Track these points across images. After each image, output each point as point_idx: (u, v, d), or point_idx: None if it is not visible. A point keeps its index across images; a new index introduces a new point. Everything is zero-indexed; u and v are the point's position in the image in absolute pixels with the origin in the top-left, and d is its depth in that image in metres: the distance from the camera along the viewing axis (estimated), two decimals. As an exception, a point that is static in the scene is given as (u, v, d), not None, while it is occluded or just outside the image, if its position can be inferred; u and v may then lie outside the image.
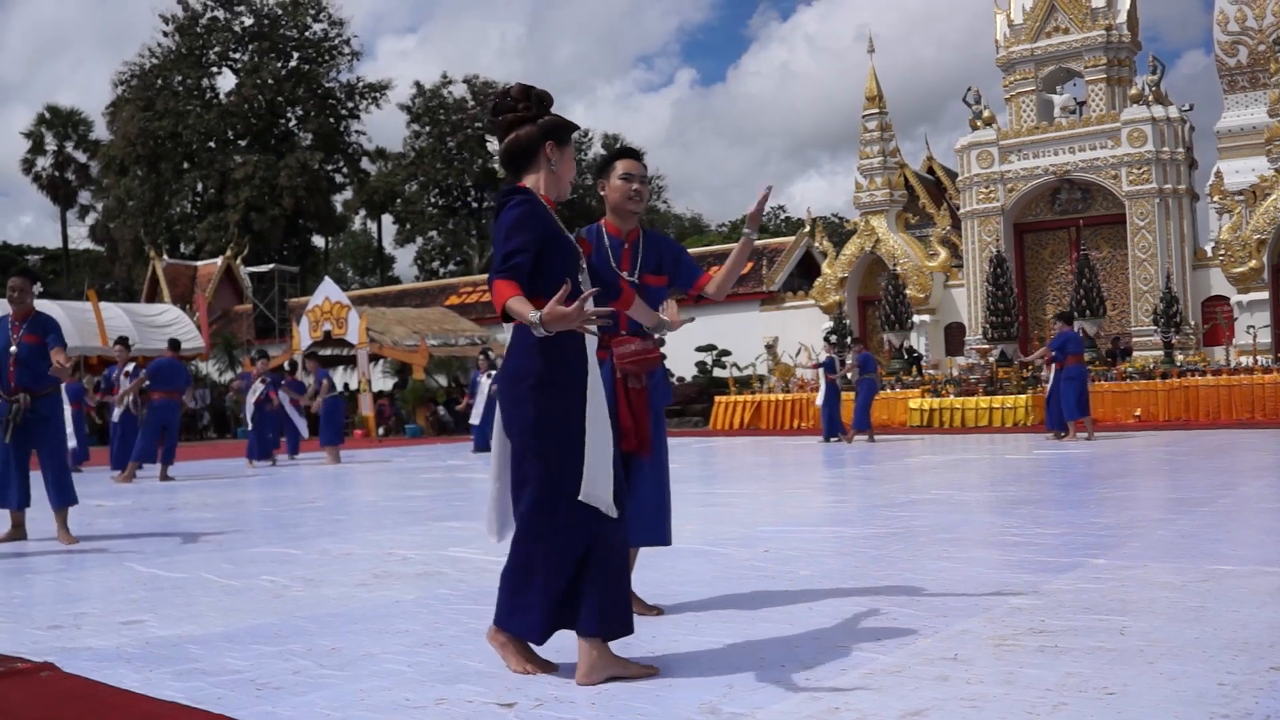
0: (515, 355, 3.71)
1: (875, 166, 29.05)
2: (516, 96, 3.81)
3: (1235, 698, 3.15)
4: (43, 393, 8.13)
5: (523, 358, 3.66)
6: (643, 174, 4.62)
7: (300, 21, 60.53)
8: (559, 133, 3.83)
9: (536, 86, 3.85)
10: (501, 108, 3.84)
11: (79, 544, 7.91)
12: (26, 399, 8.01)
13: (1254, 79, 29.01)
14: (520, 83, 3.85)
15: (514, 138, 3.81)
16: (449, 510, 9.83)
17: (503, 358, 3.83)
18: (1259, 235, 23.79)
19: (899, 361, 26.33)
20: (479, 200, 65.27)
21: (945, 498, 9.27)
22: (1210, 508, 7.76)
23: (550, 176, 3.82)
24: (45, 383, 8.12)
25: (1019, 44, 27.20)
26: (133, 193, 58.34)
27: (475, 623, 4.56)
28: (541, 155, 3.80)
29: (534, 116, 3.81)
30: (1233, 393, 21.28)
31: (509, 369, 3.72)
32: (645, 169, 4.66)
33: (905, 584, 5.14)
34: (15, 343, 8.04)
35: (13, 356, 8.00)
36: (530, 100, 3.81)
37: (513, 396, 3.68)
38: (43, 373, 8.01)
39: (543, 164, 3.81)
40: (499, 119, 3.84)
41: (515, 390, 3.66)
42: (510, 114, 3.81)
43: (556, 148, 3.82)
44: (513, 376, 3.69)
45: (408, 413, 32.40)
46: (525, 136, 3.79)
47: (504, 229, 3.61)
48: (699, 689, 3.46)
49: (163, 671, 3.93)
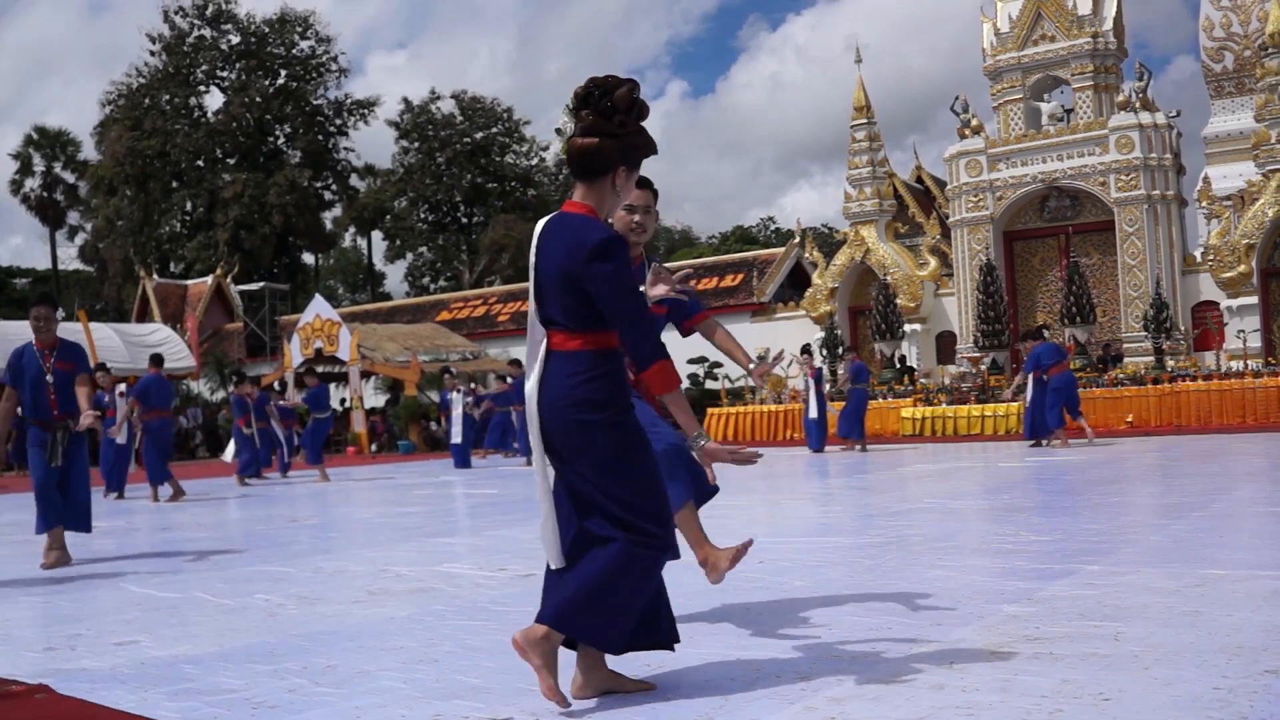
0: (570, 380, 3.54)
1: (864, 176, 29.12)
2: (622, 105, 3.54)
3: (1230, 701, 3.16)
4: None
5: (583, 387, 3.52)
6: (648, 205, 4.44)
7: (287, 39, 60.58)
8: (635, 158, 3.65)
9: (640, 97, 3.60)
10: (598, 107, 3.56)
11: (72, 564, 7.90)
12: (72, 424, 8.07)
13: (1240, 84, 29.13)
14: (631, 84, 3.58)
15: (595, 146, 3.56)
16: (443, 526, 9.82)
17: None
18: (1247, 240, 23.86)
19: (891, 371, 26.36)
20: (468, 215, 65.33)
21: (939, 506, 9.28)
22: (1203, 512, 7.78)
23: (612, 200, 3.67)
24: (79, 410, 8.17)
25: (1006, 52, 27.29)
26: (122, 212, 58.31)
27: (470, 638, 4.56)
28: (610, 177, 3.61)
29: (619, 134, 3.56)
30: (1224, 397, 21.32)
31: (569, 396, 3.52)
32: (654, 198, 4.47)
33: (900, 593, 5.14)
34: (50, 371, 8.06)
35: (50, 385, 8.03)
36: (631, 112, 3.57)
37: (577, 425, 3.51)
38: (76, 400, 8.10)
39: (608, 186, 3.62)
40: (584, 113, 3.58)
41: (582, 419, 3.50)
42: (602, 120, 3.55)
43: (628, 173, 3.65)
44: (577, 404, 3.51)
45: (400, 429, 32.37)
46: (605, 150, 3.56)
47: (624, 283, 3.46)
48: (695, 702, 3.46)
49: (158, 692, 3.92)
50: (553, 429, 3.57)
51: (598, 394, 3.52)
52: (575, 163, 3.62)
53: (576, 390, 3.52)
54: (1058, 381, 17.07)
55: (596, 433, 3.50)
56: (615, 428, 3.51)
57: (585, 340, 3.56)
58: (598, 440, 3.50)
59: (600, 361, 3.55)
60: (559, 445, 3.58)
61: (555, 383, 3.56)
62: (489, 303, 42.95)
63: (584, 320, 3.54)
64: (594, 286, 3.47)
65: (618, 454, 3.51)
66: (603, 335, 3.56)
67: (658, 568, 3.58)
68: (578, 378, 3.53)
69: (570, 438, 3.54)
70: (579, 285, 3.50)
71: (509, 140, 65.34)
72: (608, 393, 3.53)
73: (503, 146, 65.03)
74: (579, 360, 3.55)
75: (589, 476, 3.53)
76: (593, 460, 3.51)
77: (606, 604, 3.48)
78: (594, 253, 3.45)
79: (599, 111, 3.56)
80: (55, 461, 8.01)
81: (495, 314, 41.60)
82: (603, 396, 3.52)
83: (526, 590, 5.71)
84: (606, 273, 3.45)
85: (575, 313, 3.54)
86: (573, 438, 3.53)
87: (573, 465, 3.56)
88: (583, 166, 3.61)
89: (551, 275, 3.58)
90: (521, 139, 66.02)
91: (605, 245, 3.46)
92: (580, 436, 3.51)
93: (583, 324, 3.55)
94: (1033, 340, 17.74)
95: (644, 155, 3.68)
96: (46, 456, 8.01)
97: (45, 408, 8.01)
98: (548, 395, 3.57)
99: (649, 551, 3.51)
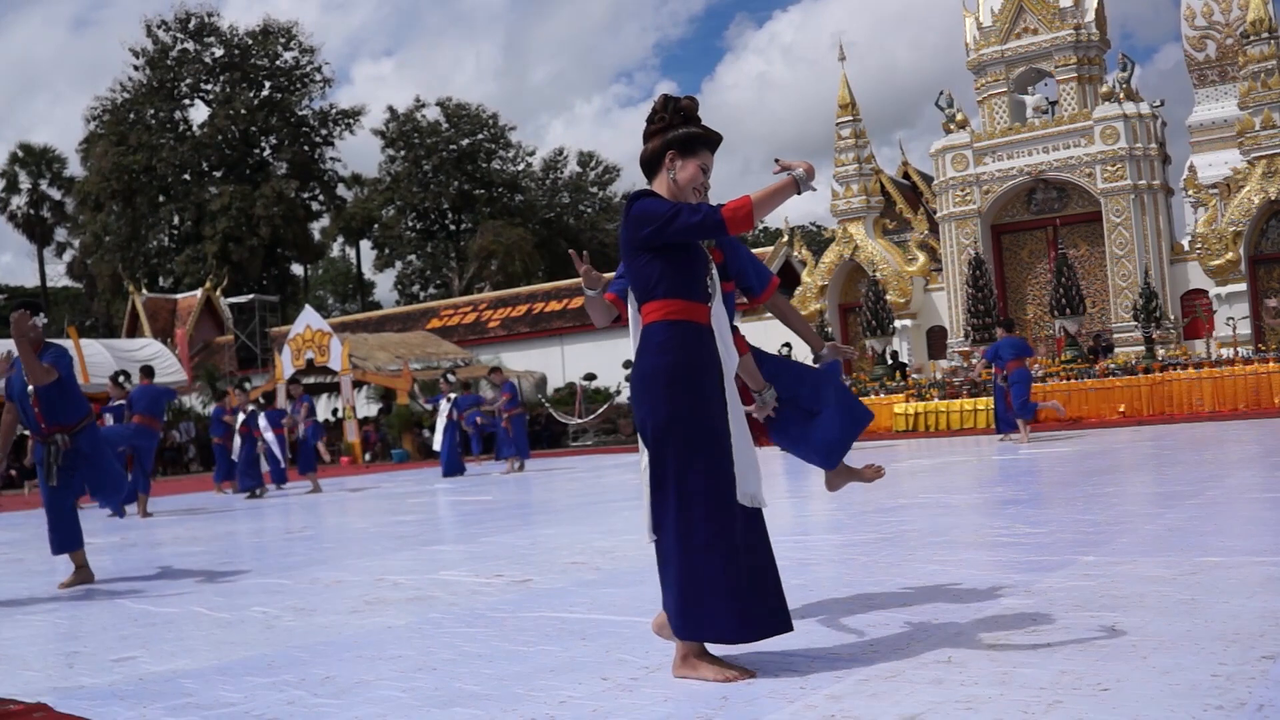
0: (646, 354, 3.77)
1: (851, 174, 29.16)
2: (658, 108, 3.94)
3: (1228, 689, 3.16)
4: (77, 426, 7.73)
5: (654, 355, 3.74)
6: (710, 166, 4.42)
7: (271, 50, 60.58)
8: (682, 143, 3.89)
9: (682, 97, 3.94)
10: (650, 119, 3.97)
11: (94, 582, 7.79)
12: (65, 439, 7.67)
13: (1223, 72, 29.22)
14: (665, 94, 3.95)
15: (644, 149, 3.95)
16: (438, 534, 9.81)
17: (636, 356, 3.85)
18: (1234, 227, 23.94)
19: (882, 367, 26.39)
20: (456, 223, 65.33)
21: (934, 501, 9.29)
22: (1196, 500, 7.79)
23: (671, 185, 3.88)
24: (77, 415, 7.75)
25: (989, 46, 27.36)
26: (109, 228, 58.26)
27: (468, 645, 4.55)
28: (663, 165, 3.89)
29: (669, 126, 3.90)
30: (1215, 385, 21.39)
31: (641, 369, 3.77)
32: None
33: (897, 588, 5.14)
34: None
35: (34, 397, 7.62)
36: (668, 110, 3.92)
37: (646, 397, 3.73)
38: (70, 407, 7.68)
39: (663, 173, 3.89)
40: (646, 130, 3.97)
41: (649, 390, 3.72)
42: (653, 125, 3.94)
43: (678, 156, 3.88)
44: (646, 376, 3.74)
45: (393, 438, 32.33)
46: (651, 149, 3.92)
47: (640, 214, 3.74)
48: (694, 701, 3.46)
49: (157, 707, 3.91)
50: (635, 404, 3.86)
51: (659, 365, 3.79)
52: (643, 169, 3.99)
53: (640, 362, 3.84)
54: (1015, 377, 17.09)
55: (662, 405, 3.75)
56: (671, 397, 3.75)
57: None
58: (661, 410, 3.75)
59: (657, 331, 3.79)
60: (638, 420, 3.86)
61: (637, 357, 3.86)
62: (479, 309, 42.97)
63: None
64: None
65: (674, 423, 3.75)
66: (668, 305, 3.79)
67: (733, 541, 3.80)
68: (644, 348, 3.85)
69: (641, 410, 3.83)
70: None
71: (495, 146, 65.41)
72: (664, 360, 3.78)
73: (489, 153, 65.09)
74: (647, 331, 3.84)
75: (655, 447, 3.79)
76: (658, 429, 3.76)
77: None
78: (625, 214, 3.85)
79: (653, 121, 3.95)
80: (51, 480, 7.62)
81: (486, 320, 41.61)
82: (658, 364, 3.79)
83: (524, 596, 5.70)
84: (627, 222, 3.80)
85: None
86: (642, 410, 3.82)
87: (646, 437, 3.82)
88: (643, 167, 3.98)
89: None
90: (508, 145, 66.10)
91: (625, 206, 3.85)
92: (649, 409, 3.78)
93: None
94: (1005, 331, 17.74)
95: (690, 141, 3.89)
96: (45, 475, 7.66)
97: (32, 421, 7.69)
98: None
99: None
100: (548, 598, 5.61)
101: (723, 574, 3.63)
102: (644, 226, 3.73)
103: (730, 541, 3.66)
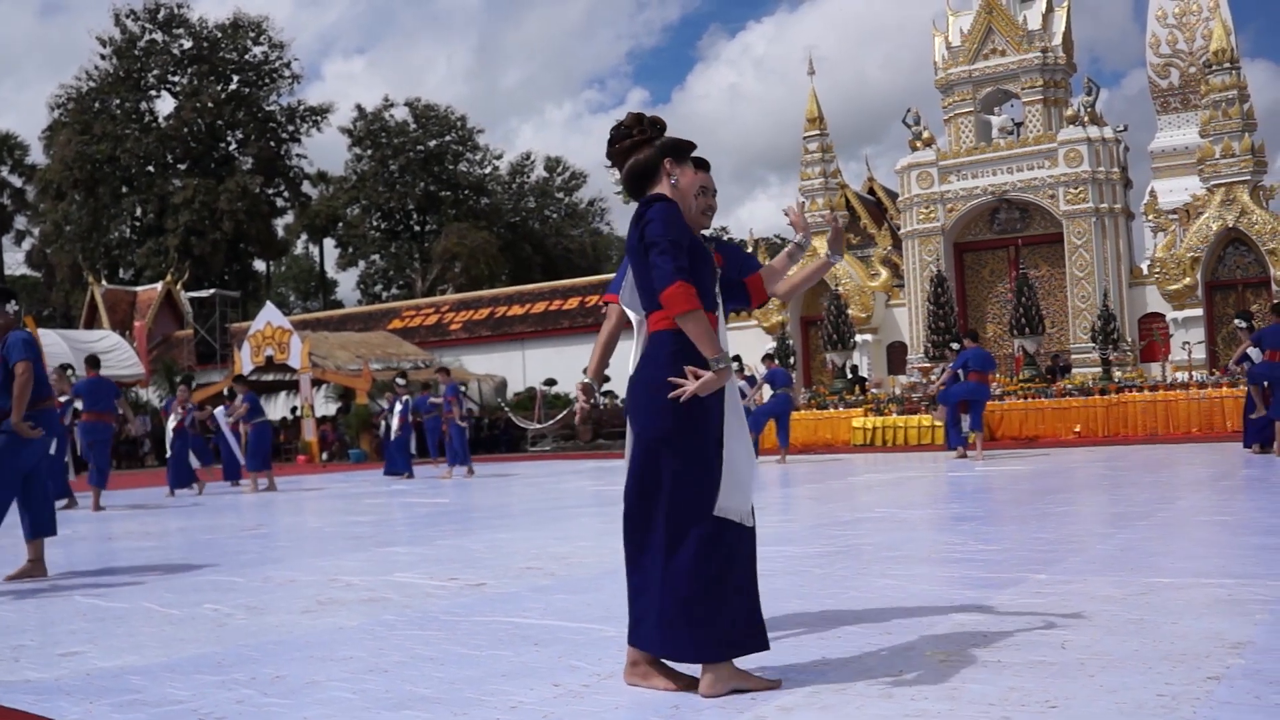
0: (654, 362, 3.74)
1: (816, 188, 29.29)
2: (630, 124, 3.89)
3: (1174, 708, 3.20)
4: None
5: (664, 365, 3.70)
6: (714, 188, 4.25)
7: (240, 45, 60.23)
8: (677, 150, 3.87)
9: (649, 114, 3.91)
10: (617, 137, 3.90)
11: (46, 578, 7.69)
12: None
13: (1185, 100, 29.58)
14: (633, 111, 3.92)
15: (634, 161, 3.87)
16: (393, 535, 9.77)
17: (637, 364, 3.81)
18: (1192, 253, 24.22)
19: (842, 381, 26.49)
20: (421, 224, 65.14)
21: (889, 515, 9.33)
22: (1148, 521, 7.87)
23: (674, 192, 3.83)
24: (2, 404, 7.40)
25: (957, 66, 27.56)
26: (70, 217, 57.69)
27: (421, 648, 4.54)
28: (662, 172, 3.84)
29: (650, 139, 3.87)
30: (1169, 408, 21.61)
31: (647, 377, 3.74)
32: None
33: (850, 602, 5.16)
34: None
35: None
36: (644, 125, 3.88)
37: (650, 405, 3.70)
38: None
39: (664, 181, 3.84)
40: (616, 148, 3.90)
41: (654, 399, 3.68)
42: (626, 141, 3.88)
43: (676, 164, 3.85)
44: (651, 385, 3.71)
45: (351, 438, 32.16)
46: (645, 158, 3.86)
47: (658, 227, 3.64)
48: (645, 710, 3.46)
49: (104, 703, 3.87)
50: (632, 411, 3.86)
51: (664, 377, 3.73)
52: (630, 184, 3.90)
53: (643, 371, 3.83)
54: (977, 392, 17.20)
55: (666, 416, 3.72)
56: (676, 409, 3.71)
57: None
58: (665, 421, 3.73)
59: (667, 341, 3.75)
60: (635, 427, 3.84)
61: (639, 366, 3.86)
62: (441, 311, 42.82)
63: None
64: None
65: (676, 436, 3.72)
66: None
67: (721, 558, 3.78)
68: (647, 357, 3.84)
69: (641, 418, 3.81)
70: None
71: (463, 149, 65.26)
72: (671, 374, 3.72)
73: (456, 155, 64.93)
74: (655, 339, 3.82)
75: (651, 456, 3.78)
76: (659, 439, 3.74)
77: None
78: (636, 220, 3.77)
79: (622, 138, 3.88)
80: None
81: (448, 322, 41.47)
82: (663, 375, 3.73)
83: (477, 600, 5.69)
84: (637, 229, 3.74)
85: None
86: (642, 418, 3.80)
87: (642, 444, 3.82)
88: (635, 181, 3.88)
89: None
90: (475, 147, 65.97)
91: (637, 212, 3.77)
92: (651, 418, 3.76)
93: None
94: (972, 341, 17.83)
95: (684, 148, 3.89)
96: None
97: None
98: None
99: None
100: (501, 602, 5.60)
101: (704, 591, 3.59)
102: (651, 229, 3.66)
103: (716, 557, 3.62)
